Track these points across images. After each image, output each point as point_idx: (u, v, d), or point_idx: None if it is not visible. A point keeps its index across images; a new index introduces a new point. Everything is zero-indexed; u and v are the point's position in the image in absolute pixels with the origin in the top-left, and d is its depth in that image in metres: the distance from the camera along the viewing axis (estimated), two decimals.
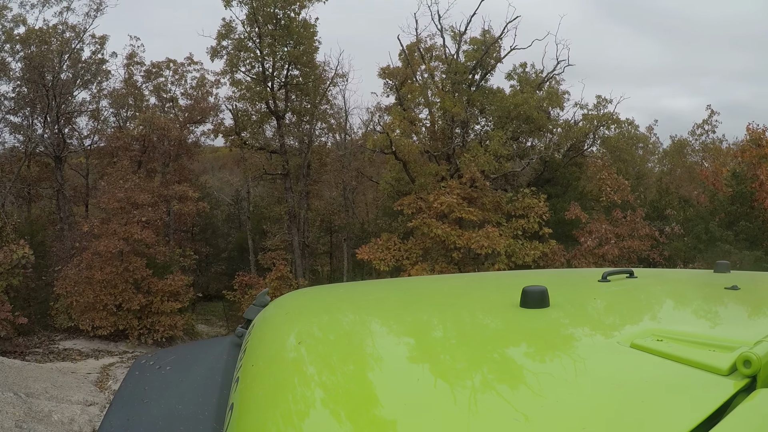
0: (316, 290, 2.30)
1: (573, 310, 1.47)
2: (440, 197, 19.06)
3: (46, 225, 23.22)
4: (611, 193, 20.99)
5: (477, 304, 1.72)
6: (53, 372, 12.52)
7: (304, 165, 24.88)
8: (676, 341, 1.02)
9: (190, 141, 26.29)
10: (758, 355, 0.83)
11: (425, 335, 1.36)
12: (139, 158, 23.72)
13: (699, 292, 2.03)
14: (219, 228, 35.64)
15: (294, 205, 24.46)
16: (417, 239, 20.38)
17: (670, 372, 0.91)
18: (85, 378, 13.10)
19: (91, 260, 17.73)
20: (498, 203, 20.63)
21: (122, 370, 14.62)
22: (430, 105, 22.56)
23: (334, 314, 1.65)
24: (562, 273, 2.89)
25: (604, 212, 21.69)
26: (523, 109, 22.20)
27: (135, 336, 17.98)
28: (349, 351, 1.23)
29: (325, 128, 26.86)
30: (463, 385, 0.95)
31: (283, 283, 21.98)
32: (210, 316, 30.05)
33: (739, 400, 0.79)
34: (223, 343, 1.86)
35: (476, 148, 20.73)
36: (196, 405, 1.44)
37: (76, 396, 11.18)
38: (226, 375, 1.48)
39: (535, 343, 1.19)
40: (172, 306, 18.53)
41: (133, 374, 1.68)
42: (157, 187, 20.90)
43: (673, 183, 29.25)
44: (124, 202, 18.70)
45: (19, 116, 22.41)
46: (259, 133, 25.63)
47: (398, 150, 20.15)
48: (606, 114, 23.61)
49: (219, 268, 33.19)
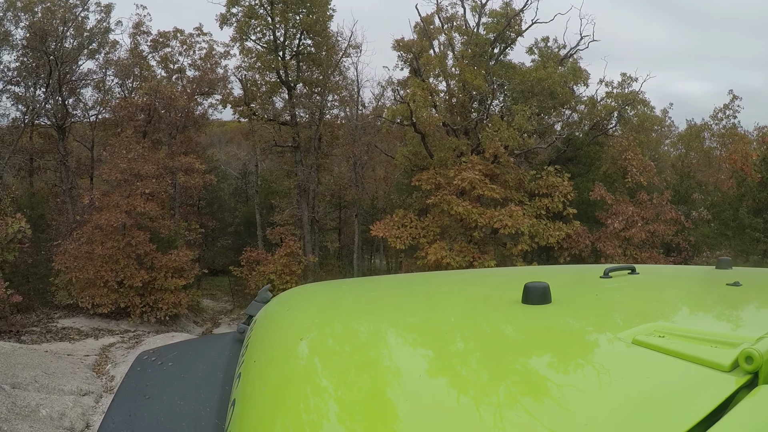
0: (317, 286, 2.18)
1: (575, 307, 1.41)
2: (461, 173, 17.49)
3: (48, 198, 21.59)
4: (637, 174, 19.41)
5: (479, 301, 1.65)
6: (46, 356, 11.09)
7: (315, 137, 23.26)
8: (678, 337, 0.98)
9: (197, 113, 24.67)
10: (760, 351, 0.81)
11: (427, 331, 1.27)
12: (144, 128, 22.11)
13: (701, 288, 1.97)
14: (226, 202, 34.25)
15: (304, 179, 22.84)
16: (434, 217, 18.85)
17: (673, 368, 0.88)
18: (81, 362, 11.68)
19: (91, 234, 16.33)
20: (521, 181, 19.02)
21: (122, 351, 13.19)
22: (450, 76, 20.84)
23: (335, 310, 1.59)
24: (563, 269, 2.73)
25: (628, 194, 20.11)
26: (547, 84, 20.54)
27: (137, 314, 16.60)
28: (351, 347, 1.18)
29: (336, 100, 25.07)
30: (465, 381, 0.93)
31: (292, 260, 20.56)
32: (215, 290, 28.84)
33: (741, 396, 0.77)
34: (224, 339, 1.77)
35: (498, 122, 19.07)
36: (197, 401, 1.36)
37: (70, 384, 9.76)
38: (228, 371, 1.43)
39: (536, 340, 1.15)
40: (177, 282, 17.09)
41: (135, 370, 1.60)
42: (162, 158, 19.33)
43: (690, 168, 27.73)
44: (127, 173, 17.25)
45: (22, 86, 21.06)
46: (268, 104, 23.91)
47: (418, 121, 18.48)
48: (631, 93, 21.87)
49: (225, 243, 31.88)
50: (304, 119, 24.30)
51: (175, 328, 17.53)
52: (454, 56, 21.56)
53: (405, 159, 21.30)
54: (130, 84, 24.27)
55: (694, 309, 1.59)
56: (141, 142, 19.71)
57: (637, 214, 18.46)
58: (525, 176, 19.03)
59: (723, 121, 29.84)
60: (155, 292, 16.99)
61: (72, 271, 15.88)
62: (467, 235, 18.23)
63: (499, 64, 21.92)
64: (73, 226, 17.95)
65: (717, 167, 28.42)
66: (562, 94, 21.27)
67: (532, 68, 21.76)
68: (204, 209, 30.37)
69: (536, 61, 22.94)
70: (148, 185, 17.31)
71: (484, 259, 17.35)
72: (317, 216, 24.58)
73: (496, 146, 17.89)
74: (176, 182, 21.57)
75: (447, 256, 17.00)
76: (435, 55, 21.77)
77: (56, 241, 17.28)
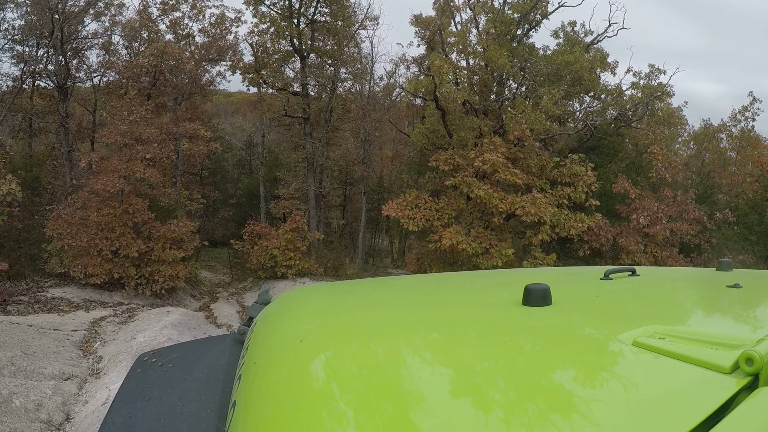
0: (318, 288, 2.11)
1: (575, 308, 1.38)
2: (483, 155, 15.90)
3: (46, 160, 19.83)
4: (662, 169, 17.88)
5: (479, 302, 1.63)
6: (29, 332, 9.61)
7: (327, 110, 21.55)
8: (679, 339, 0.97)
9: (204, 80, 22.92)
10: (761, 353, 0.79)
11: (428, 333, 1.24)
12: (149, 91, 20.31)
13: (701, 290, 1.95)
14: (229, 172, 32.69)
15: (312, 152, 21.17)
16: (450, 199, 17.27)
17: (673, 370, 0.87)
18: (67, 338, 10.18)
19: (87, 199, 14.73)
20: (543, 167, 17.44)
21: (113, 327, 11.68)
22: (474, 54, 19.14)
23: (336, 312, 1.55)
24: (564, 271, 2.54)
25: (650, 189, 18.62)
26: (574, 68, 18.89)
27: (132, 286, 15.11)
28: (351, 349, 1.14)
29: (350, 73, 23.33)
30: (465, 382, 0.91)
31: (297, 236, 19.04)
32: (214, 262, 27.39)
33: (742, 398, 0.76)
34: (225, 341, 1.77)
35: (523, 104, 17.44)
36: (198, 402, 1.34)
37: (51, 367, 8.28)
38: (229, 372, 1.41)
39: (537, 341, 1.12)
40: (175, 254, 15.59)
41: (135, 371, 1.59)
42: (166, 123, 17.63)
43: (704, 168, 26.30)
44: (128, 136, 15.64)
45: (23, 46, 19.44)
46: (279, 72, 22.11)
47: (441, 97, 16.82)
48: (659, 85, 20.24)
49: (226, 214, 30.44)
50: (315, 91, 22.60)
51: (171, 302, 16.03)
52: (477, 33, 19.86)
53: (422, 137, 19.62)
54: (137, 47, 22.56)
55: (695, 311, 1.56)
56: (144, 104, 17.95)
57: (662, 211, 16.95)
58: (548, 163, 17.46)
59: (741, 123, 28.49)
60: (152, 264, 15.51)
61: (64, 238, 14.42)
62: (484, 221, 16.70)
63: (521, 46, 20.25)
64: (69, 190, 16.28)
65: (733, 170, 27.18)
66: (589, 81, 19.66)
67: (558, 52, 20.10)
68: (207, 179, 28.88)
69: (561, 45, 21.29)
70: (149, 150, 15.78)
71: (502, 247, 15.91)
72: (324, 191, 22.93)
73: (521, 129, 16.30)
74: (180, 149, 19.90)
75: (463, 241, 15.50)
76: (457, 31, 20.06)
77: (50, 205, 15.61)
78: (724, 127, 29.42)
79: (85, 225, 14.57)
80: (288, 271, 18.64)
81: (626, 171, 19.41)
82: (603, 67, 20.63)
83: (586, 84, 19.93)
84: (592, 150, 19.79)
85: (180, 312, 13.14)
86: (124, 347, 9.55)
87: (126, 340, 10.05)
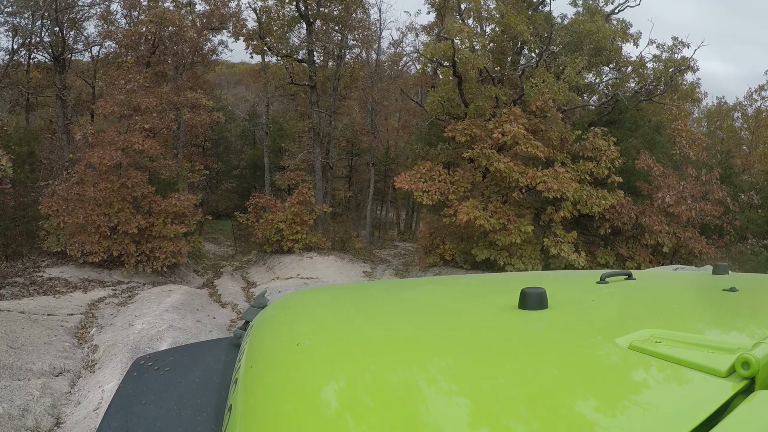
0: (314, 291, 2.09)
1: (572, 312, 1.36)
2: (503, 125, 14.55)
3: (40, 135, 18.38)
4: (686, 146, 16.57)
5: (476, 306, 1.59)
6: (19, 320, 8.48)
7: (334, 78, 20.06)
8: (675, 343, 0.96)
9: (206, 49, 21.45)
10: (757, 357, 0.79)
11: (424, 337, 1.21)
12: (148, 59, 18.74)
13: (697, 293, 1.91)
14: (232, 144, 31.14)
15: (319, 122, 19.73)
16: (465, 172, 15.96)
17: (669, 374, 0.86)
18: (61, 325, 9.03)
19: (83, 174, 13.39)
20: (564, 140, 16.08)
21: (112, 309, 10.50)
22: (490, 19, 17.64)
23: (332, 316, 1.53)
24: (560, 275, 2.51)
25: (672, 167, 17.34)
26: (596, 38, 17.41)
27: (132, 263, 13.95)
28: (348, 353, 1.11)
29: (358, 39, 21.76)
30: (461, 386, 0.89)
31: (304, 209, 17.75)
32: (217, 234, 26.26)
33: (738, 401, 0.75)
34: (221, 345, 1.74)
35: (545, 73, 16.01)
36: (194, 406, 1.33)
37: (41, 361, 7.15)
38: (225, 376, 1.40)
39: (533, 345, 1.10)
40: (177, 229, 14.36)
41: (132, 375, 1.55)
42: (166, 92, 16.21)
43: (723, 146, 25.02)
44: (125, 106, 14.24)
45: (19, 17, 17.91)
46: (284, 39, 20.53)
47: (461, 62, 15.36)
48: (682, 58, 18.72)
49: (230, 186, 29.13)
50: (321, 59, 21.12)
51: (174, 279, 14.85)
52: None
53: (437, 105, 18.16)
54: (136, 16, 21.19)
55: (691, 314, 1.51)
56: (143, 72, 16.42)
57: (688, 190, 15.67)
58: (570, 136, 16.09)
59: (758, 103, 27.16)
60: (152, 240, 14.33)
61: (60, 215, 13.23)
62: (502, 195, 15.42)
63: (538, 14, 18.72)
64: (66, 165, 14.90)
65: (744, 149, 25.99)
66: (611, 51, 18.18)
67: (578, 20, 18.60)
68: (209, 151, 27.47)
69: (579, 14, 19.75)
70: (148, 120, 14.55)
71: (520, 223, 14.66)
72: (331, 162, 21.55)
73: (544, 99, 14.92)
74: (181, 120, 18.48)
75: (480, 216, 14.24)
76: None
77: (44, 181, 14.28)
78: (740, 105, 28.05)
79: (81, 201, 13.40)
80: (295, 245, 17.45)
81: (647, 147, 18.11)
82: (625, 38, 19.12)
83: (608, 55, 18.47)
84: (612, 124, 18.45)
85: (182, 291, 11.95)
86: (121, 336, 8.37)
87: (123, 327, 8.87)
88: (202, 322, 9.65)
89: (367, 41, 22.56)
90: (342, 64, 20.64)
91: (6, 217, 13.88)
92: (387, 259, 20.86)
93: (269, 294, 14.53)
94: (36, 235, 14.13)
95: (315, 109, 20.04)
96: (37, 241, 14.09)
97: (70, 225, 13.13)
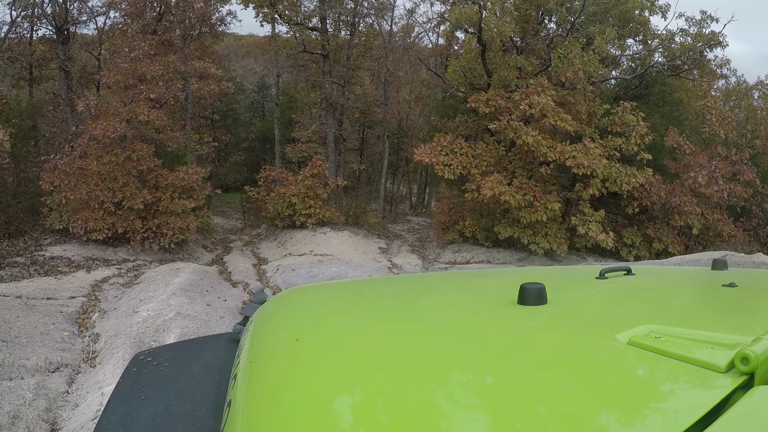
0: (314, 287, 1.94)
1: (571, 308, 1.32)
2: (530, 96, 13.36)
3: (46, 108, 17.26)
4: (716, 124, 15.36)
5: (475, 301, 1.53)
6: (15, 307, 7.58)
7: (348, 47, 18.74)
8: (674, 338, 0.93)
9: (214, 18, 20.13)
10: (756, 352, 0.77)
11: (423, 332, 1.16)
12: (154, 27, 17.42)
13: (697, 289, 1.86)
14: (241, 116, 29.83)
15: (332, 92, 18.49)
16: (489, 145, 14.82)
17: (668, 369, 0.84)
18: (60, 310, 8.10)
19: (86, 147, 12.33)
20: (593, 114, 14.87)
21: (116, 291, 9.55)
22: None
23: (332, 311, 1.47)
24: (559, 270, 2.45)
25: (701, 145, 16.16)
26: (624, 8, 16.06)
27: (137, 240, 13.02)
28: (347, 348, 1.08)
29: (371, 7, 20.34)
30: (460, 382, 0.87)
31: (317, 182, 16.67)
32: (226, 207, 25.28)
33: (737, 397, 0.74)
34: (221, 340, 1.65)
35: (573, 43, 14.72)
36: (193, 402, 1.27)
37: (36, 356, 6.25)
38: (224, 372, 1.35)
39: (532, 341, 1.06)
40: (184, 204, 13.37)
41: (131, 371, 1.49)
42: (172, 61, 14.98)
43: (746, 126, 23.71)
44: (130, 75, 13.07)
45: None
46: (296, 6, 19.14)
47: (487, 29, 14.08)
48: (711, 33, 17.30)
49: (239, 159, 27.99)
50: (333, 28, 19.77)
51: (182, 256, 13.88)
52: None
53: (459, 75, 16.88)
54: None
55: (690, 310, 1.47)
56: (148, 39, 15.16)
57: (719, 170, 14.53)
58: (599, 109, 14.87)
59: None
60: (159, 215, 13.38)
61: (62, 191, 12.28)
62: (527, 170, 14.30)
63: None
64: (69, 138, 13.80)
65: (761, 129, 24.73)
66: (639, 23, 16.82)
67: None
68: (218, 122, 26.22)
69: None
70: (153, 90, 13.46)
71: (547, 200, 13.60)
72: (344, 134, 20.35)
73: (574, 70, 13.68)
74: (188, 90, 17.25)
75: (506, 192, 13.17)
76: None
77: (45, 155, 13.22)
78: (762, 84, 26.60)
79: (84, 175, 12.45)
80: (308, 220, 16.43)
81: (674, 124, 16.88)
82: (652, 9, 17.70)
83: (635, 26, 17.11)
84: (639, 98, 17.17)
85: (191, 269, 11.00)
86: (124, 325, 7.43)
87: (127, 314, 7.93)
88: (212, 306, 8.71)
89: (381, 9, 21.17)
90: (356, 33, 19.31)
91: (8, 194, 12.98)
92: (401, 234, 19.85)
93: (284, 271, 13.62)
94: (39, 212, 13.21)
95: (328, 79, 18.81)
96: (40, 218, 13.17)
97: (72, 201, 12.19)
